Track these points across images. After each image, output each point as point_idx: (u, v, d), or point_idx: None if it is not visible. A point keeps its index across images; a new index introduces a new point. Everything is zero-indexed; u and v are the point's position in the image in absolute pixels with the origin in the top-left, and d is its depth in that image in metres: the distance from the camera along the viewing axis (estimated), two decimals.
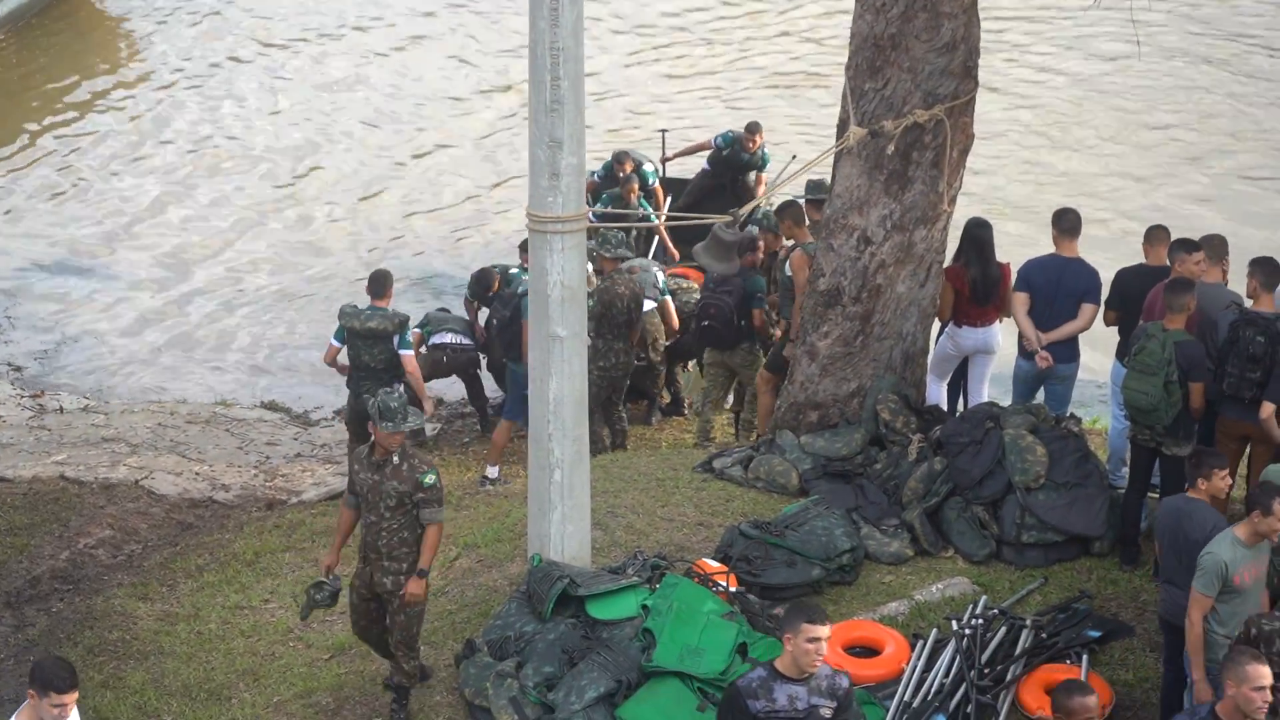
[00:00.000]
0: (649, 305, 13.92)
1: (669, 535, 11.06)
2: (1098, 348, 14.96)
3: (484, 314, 14.72)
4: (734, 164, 17.13)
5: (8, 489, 13.55)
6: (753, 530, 10.61)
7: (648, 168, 16.75)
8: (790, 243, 12.96)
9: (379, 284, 12.98)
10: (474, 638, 9.95)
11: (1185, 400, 10.28)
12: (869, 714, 9.25)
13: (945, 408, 12.59)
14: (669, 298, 14.22)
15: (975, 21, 11.26)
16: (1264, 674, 7.49)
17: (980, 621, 9.79)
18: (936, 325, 12.34)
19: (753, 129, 17.01)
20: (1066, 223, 11.83)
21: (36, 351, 17.00)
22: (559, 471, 9.97)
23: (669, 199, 17.11)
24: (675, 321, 14.20)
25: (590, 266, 12.88)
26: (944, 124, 11.20)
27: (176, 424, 15.31)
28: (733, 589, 9.97)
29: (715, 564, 10.27)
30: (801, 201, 13.28)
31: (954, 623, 9.84)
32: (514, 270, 14.16)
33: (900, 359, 11.81)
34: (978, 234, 12.22)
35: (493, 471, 13.66)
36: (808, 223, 13.06)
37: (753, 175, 17.14)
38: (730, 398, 14.20)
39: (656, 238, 16.52)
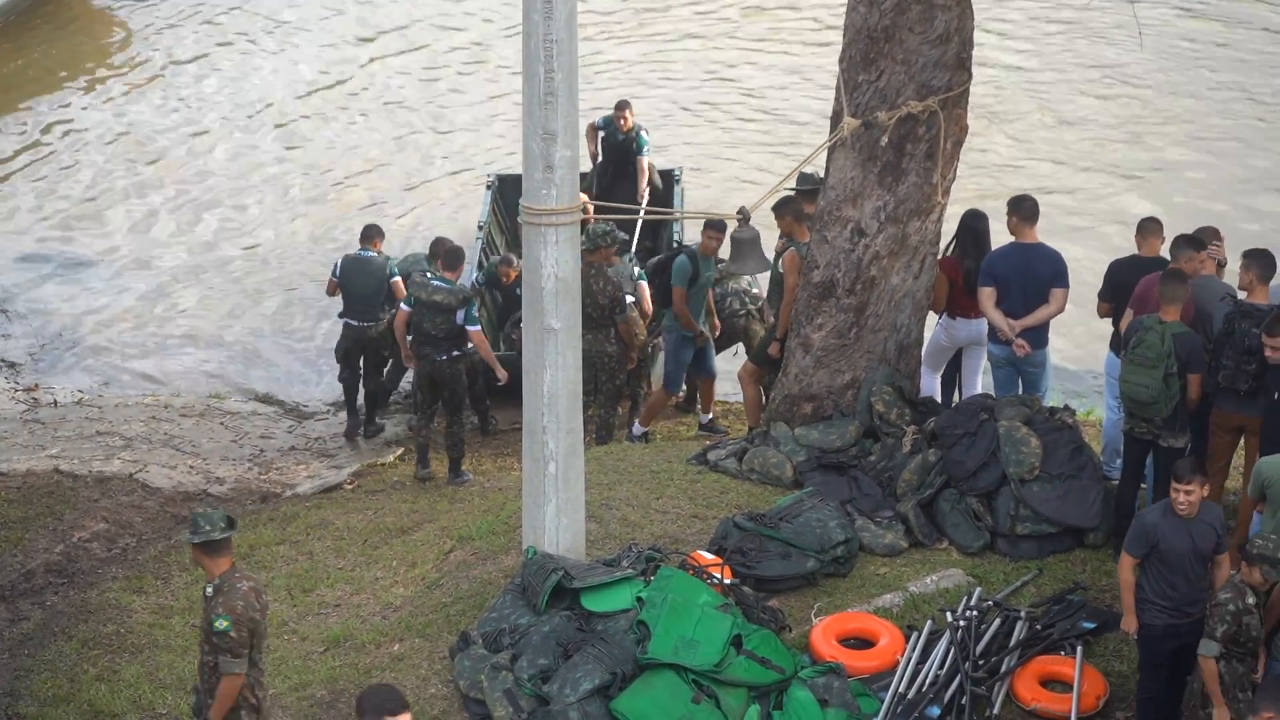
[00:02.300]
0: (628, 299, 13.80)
1: (663, 527, 11.06)
2: (1091, 338, 14.99)
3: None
4: (613, 146, 16.86)
5: (1, 483, 13.54)
6: (747, 522, 10.61)
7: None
8: (783, 240, 12.93)
9: (452, 257, 13.65)
10: (469, 630, 9.96)
11: (1183, 392, 10.29)
12: (863, 706, 9.27)
13: (939, 399, 12.60)
14: (644, 283, 14.10)
15: (969, 13, 11.25)
16: None
17: (975, 613, 9.80)
18: (932, 317, 12.35)
19: (620, 106, 16.77)
20: (1026, 209, 11.82)
21: (30, 345, 16.99)
22: (553, 464, 9.96)
23: None
24: (649, 307, 14.08)
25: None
26: (938, 116, 11.20)
27: (170, 417, 15.30)
28: (727, 581, 9.98)
29: (710, 556, 10.27)
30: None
31: (948, 614, 9.85)
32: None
33: (894, 351, 11.81)
34: (974, 225, 12.24)
35: (637, 429, 14.16)
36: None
37: (645, 161, 16.80)
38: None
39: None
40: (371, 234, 14.94)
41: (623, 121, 16.70)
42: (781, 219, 12.88)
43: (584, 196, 14.32)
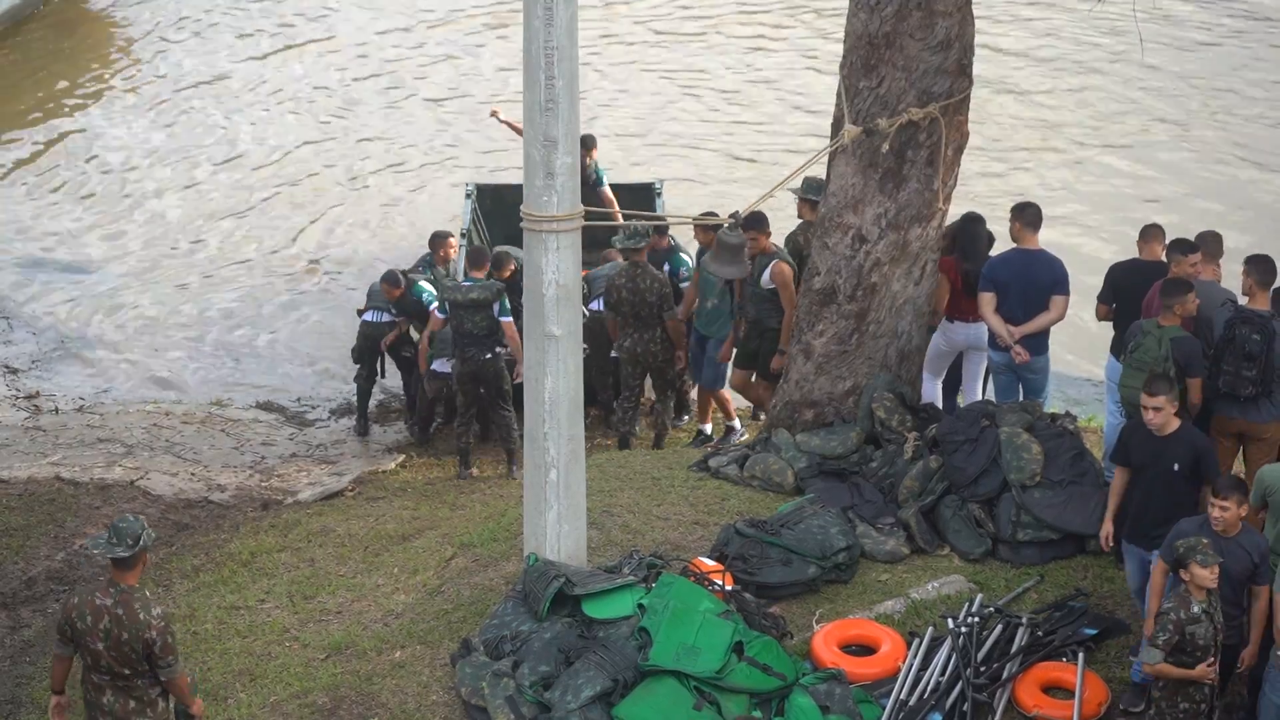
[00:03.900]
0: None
1: (665, 534, 11.07)
2: (1093, 345, 14.99)
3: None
4: None
5: (3, 490, 13.54)
6: (748, 529, 10.61)
7: None
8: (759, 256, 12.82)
9: (478, 256, 14.16)
10: (470, 637, 9.95)
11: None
12: (865, 712, 9.26)
13: (940, 405, 12.60)
14: None
15: (969, 19, 11.26)
16: None
17: (976, 619, 9.80)
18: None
19: (584, 143, 16.67)
20: (1030, 215, 11.85)
21: (32, 352, 17.00)
22: (555, 471, 9.97)
23: None
24: None
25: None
26: (939, 122, 11.20)
27: (172, 425, 15.31)
28: (729, 588, 9.97)
29: (711, 563, 10.27)
30: (791, 201, 13.28)
31: (950, 621, 9.85)
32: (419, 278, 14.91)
33: (895, 357, 11.81)
34: (971, 229, 12.26)
35: (707, 428, 14.29)
36: (801, 220, 13.07)
37: (607, 193, 16.40)
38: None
39: None
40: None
41: (586, 158, 16.38)
42: (758, 237, 12.66)
43: None
